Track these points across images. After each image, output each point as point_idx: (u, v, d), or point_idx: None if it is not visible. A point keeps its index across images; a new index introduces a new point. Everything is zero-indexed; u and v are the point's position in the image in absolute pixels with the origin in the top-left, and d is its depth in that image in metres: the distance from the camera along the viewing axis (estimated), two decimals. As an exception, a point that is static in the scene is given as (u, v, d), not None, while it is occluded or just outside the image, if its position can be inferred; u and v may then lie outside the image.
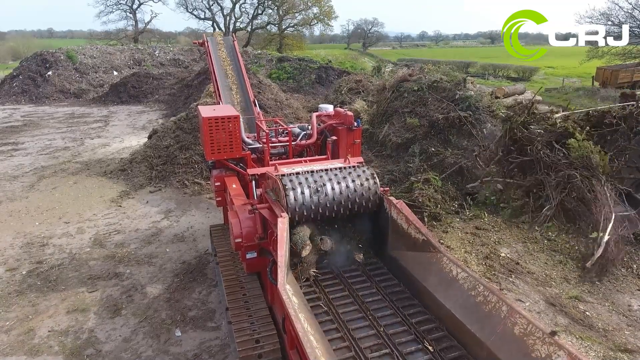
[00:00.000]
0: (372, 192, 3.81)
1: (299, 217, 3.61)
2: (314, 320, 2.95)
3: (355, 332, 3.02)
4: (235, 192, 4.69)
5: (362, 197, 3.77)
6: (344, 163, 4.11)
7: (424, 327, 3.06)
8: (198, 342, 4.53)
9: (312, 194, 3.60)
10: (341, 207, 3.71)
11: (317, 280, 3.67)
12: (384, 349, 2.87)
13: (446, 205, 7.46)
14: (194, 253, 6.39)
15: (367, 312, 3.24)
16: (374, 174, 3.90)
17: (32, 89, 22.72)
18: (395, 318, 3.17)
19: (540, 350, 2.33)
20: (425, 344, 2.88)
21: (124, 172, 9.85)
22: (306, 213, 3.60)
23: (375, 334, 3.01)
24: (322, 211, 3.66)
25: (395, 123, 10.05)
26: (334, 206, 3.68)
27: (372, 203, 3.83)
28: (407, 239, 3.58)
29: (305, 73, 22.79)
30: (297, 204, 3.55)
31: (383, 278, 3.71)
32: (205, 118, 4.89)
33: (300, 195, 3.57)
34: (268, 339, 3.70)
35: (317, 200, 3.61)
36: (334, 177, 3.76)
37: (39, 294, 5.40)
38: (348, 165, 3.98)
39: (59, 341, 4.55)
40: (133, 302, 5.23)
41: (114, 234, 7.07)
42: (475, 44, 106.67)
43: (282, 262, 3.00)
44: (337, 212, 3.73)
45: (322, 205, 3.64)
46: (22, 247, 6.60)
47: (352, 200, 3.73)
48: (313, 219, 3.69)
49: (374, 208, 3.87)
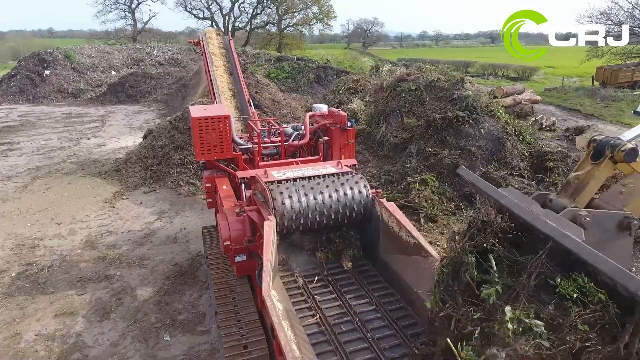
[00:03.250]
0: (362, 200, 3.73)
1: (287, 228, 3.55)
2: (299, 326, 2.87)
3: (341, 336, 2.94)
4: (225, 193, 4.60)
5: (352, 206, 3.70)
6: (336, 167, 4.03)
7: (412, 331, 2.98)
8: (187, 346, 4.44)
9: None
10: (331, 217, 3.65)
11: (305, 285, 3.59)
12: (369, 353, 2.79)
13: (443, 206, 7.38)
14: (186, 255, 6.30)
15: (355, 316, 3.16)
16: (365, 182, 3.83)
17: (30, 88, 22.64)
18: (382, 322, 3.09)
19: None
20: (413, 349, 2.79)
21: (118, 172, 9.76)
22: (295, 224, 3.56)
23: (361, 338, 2.93)
24: (312, 222, 3.61)
25: (393, 123, 9.96)
26: (323, 216, 3.62)
27: (362, 211, 3.76)
28: (398, 242, 3.50)
29: (303, 73, 22.69)
30: (286, 216, 3.49)
31: (373, 281, 3.63)
32: (195, 118, 4.80)
33: (289, 206, 3.51)
34: (256, 345, 3.61)
35: (306, 211, 3.55)
36: (323, 185, 3.68)
37: (27, 297, 5.31)
38: (339, 172, 3.90)
39: (45, 345, 4.46)
40: (122, 305, 5.13)
41: (106, 235, 6.98)
42: (475, 43, 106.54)
43: (267, 266, 2.90)
44: (326, 222, 3.67)
45: (311, 216, 3.58)
46: (12, 249, 6.51)
47: (342, 209, 3.67)
48: (302, 229, 3.63)
49: (365, 215, 3.80)
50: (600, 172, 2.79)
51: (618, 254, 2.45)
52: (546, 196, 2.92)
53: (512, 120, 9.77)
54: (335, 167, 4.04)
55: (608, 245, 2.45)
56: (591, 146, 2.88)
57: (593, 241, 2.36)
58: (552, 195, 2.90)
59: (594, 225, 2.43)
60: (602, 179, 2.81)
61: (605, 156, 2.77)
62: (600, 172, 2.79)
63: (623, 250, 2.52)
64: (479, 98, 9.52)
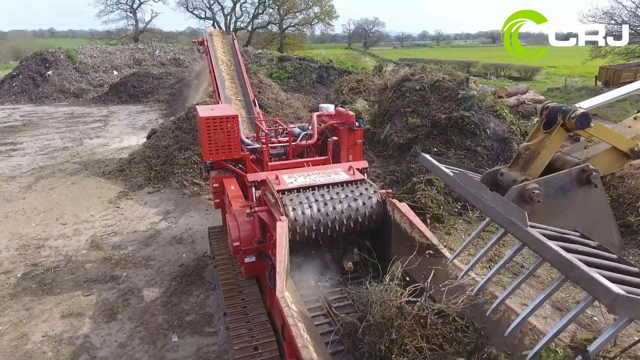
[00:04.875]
0: (375, 209, 3.72)
1: (299, 237, 3.53)
2: (313, 328, 2.84)
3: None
4: (234, 194, 4.57)
5: (366, 215, 3.69)
6: (347, 172, 3.99)
7: None
8: (195, 347, 4.41)
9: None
10: (343, 226, 3.63)
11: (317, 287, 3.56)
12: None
13: (449, 206, 7.34)
14: (192, 256, 6.27)
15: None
16: (377, 190, 3.82)
17: (32, 88, 22.62)
18: None
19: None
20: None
21: (122, 172, 9.74)
22: (307, 233, 3.53)
23: None
24: (324, 230, 3.59)
25: (397, 123, 9.93)
26: (335, 225, 3.60)
27: (375, 220, 3.74)
28: (410, 242, 3.46)
29: (306, 73, 22.67)
30: (297, 224, 3.47)
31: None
32: (203, 118, 4.78)
33: (300, 214, 3.49)
34: (267, 346, 3.59)
35: (318, 221, 3.54)
36: (336, 196, 3.67)
37: (33, 298, 5.29)
38: (352, 180, 3.88)
39: (52, 347, 4.44)
40: (129, 306, 5.11)
41: (112, 235, 6.95)
42: (476, 43, 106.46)
43: (281, 267, 2.87)
44: (339, 231, 3.65)
45: (324, 225, 3.57)
46: (18, 249, 6.49)
47: (354, 219, 3.65)
48: (314, 238, 3.61)
49: (377, 223, 3.78)
50: (551, 142, 2.52)
51: (592, 209, 2.32)
52: (498, 171, 2.67)
53: (517, 120, 9.74)
54: (347, 172, 4.00)
55: (576, 205, 2.28)
56: (544, 114, 2.60)
57: (556, 207, 2.24)
58: (503, 169, 2.66)
59: (550, 191, 2.25)
60: (554, 149, 2.55)
61: (557, 124, 2.49)
62: (551, 141, 2.52)
63: (596, 204, 2.34)
64: (484, 98, 9.49)
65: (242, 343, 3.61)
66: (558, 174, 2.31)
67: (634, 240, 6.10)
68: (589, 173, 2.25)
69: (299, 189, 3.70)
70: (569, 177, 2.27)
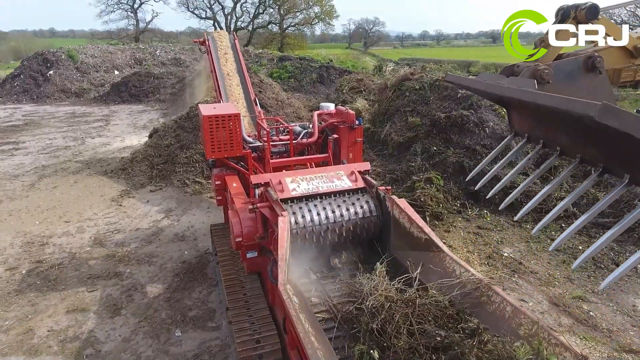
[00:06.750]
0: (377, 217, 3.85)
1: (300, 242, 3.63)
2: (315, 320, 2.91)
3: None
4: (236, 191, 4.65)
5: (369, 223, 3.81)
6: (349, 178, 4.06)
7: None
8: (198, 342, 4.49)
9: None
10: (343, 232, 3.74)
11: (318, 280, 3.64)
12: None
13: (448, 204, 7.42)
14: (195, 252, 6.35)
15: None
16: (376, 203, 3.92)
17: (33, 88, 22.72)
18: None
19: (546, 351, 2.29)
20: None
21: (124, 171, 9.82)
22: (307, 237, 3.64)
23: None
24: (324, 237, 3.70)
25: (397, 122, 10.00)
26: (335, 232, 3.71)
27: (376, 226, 3.86)
28: (409, 238, 3.54)
29: (306, 72, 22.73)
30: (297, 228, 3.59)
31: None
32: (205, 116, 4.85)
33: (301, 219, 3.62)
34: (269, 339, 3.67)
35: (319, 228, 3.65)
36: (337, 209, 3.77)
37: (38, 294, 5.37)
38: (356, 188, 3.97)
39: (58, 341, 4.52)
40: (133, 302, 5.19)
41: (114, 233, 7.03)
42: (476, 43, 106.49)
43: (282, 261, 2.96)
44: (339, 237, 3.76)
45: (325, 231, 3.68)
46: (22, 247, 6.57)
47: (357, 226, 3.77)
48: (315, 244, 3.71)
49: (375, 235, 3.92)
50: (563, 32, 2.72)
51: (595, 93, 2.46)
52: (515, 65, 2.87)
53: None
54: (349, 177, 4.06)
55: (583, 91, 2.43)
56: (559, 15, 2.82)
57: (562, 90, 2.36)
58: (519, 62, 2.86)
59: (558, 75, 2.42)
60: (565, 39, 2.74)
61: (570, 17, 2.71)
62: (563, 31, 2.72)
63: (600, 89, 2.51)
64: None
65: (245, 336, 3.69)
66: (567, 59, 2.55)
67: (632, 238, 6.17)
68: (594, 59, 2.43)
69: (301, 197, 3.80)
70: (577, 63, 2.45)
